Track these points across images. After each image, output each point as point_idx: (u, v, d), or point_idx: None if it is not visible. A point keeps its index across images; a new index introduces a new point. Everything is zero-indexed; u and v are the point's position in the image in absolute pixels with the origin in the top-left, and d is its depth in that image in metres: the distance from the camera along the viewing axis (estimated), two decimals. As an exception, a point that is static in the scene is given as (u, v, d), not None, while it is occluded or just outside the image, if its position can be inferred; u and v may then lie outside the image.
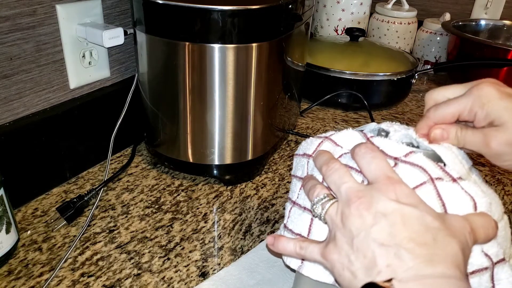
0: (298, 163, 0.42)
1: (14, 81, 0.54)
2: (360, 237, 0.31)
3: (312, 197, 0.35)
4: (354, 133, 0.39)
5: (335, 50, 1.00)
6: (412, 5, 1.21)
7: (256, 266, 0.50)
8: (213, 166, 0.64)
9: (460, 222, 0.31)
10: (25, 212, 0.57)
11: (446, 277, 0.28)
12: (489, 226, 0.32)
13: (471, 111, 0.36)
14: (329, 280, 0.36)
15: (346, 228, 0.32)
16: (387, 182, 0.32)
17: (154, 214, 0.58)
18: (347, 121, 0.89)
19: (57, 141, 0.60)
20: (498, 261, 0.33)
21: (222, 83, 0.57)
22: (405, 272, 0.28)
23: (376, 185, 0.32)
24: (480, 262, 0.32)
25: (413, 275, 0.28)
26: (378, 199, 0.31)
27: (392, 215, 0.30)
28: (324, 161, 0.36)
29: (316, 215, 0.35)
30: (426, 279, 0.28)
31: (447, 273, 0.28)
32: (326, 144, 0.39)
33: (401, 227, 0.30)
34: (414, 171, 0.33)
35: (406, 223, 0.30)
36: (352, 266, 0.31)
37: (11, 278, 0.47)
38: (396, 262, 0.29)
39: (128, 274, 0.49)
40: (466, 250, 0.30)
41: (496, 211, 0.34)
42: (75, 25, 0.59)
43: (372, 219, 0.31)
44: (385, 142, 0.36)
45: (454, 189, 0.33)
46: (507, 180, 0.70)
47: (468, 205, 0.32)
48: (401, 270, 0.28)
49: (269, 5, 0.55)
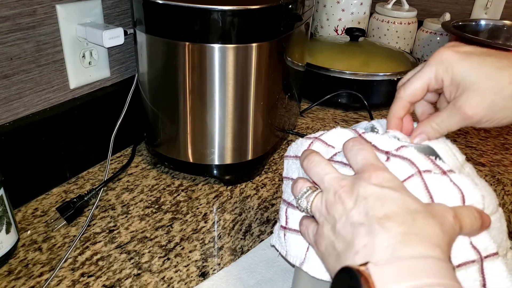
0: (291, 165, 0.41)
1: (14, 81, 0.54)
2: (341, 221, 0.31)
3: (296, 193, 0.35)
4: (344, 131, 0.39)
5: (335, 50, 1.00)
6: (412, 5, 1.21)
7: (256, 266, 0.50)
8: (213, 166, 0.64)
9: (443, 206, 0.31)
10: (25, 212, 0.57)
11: (424, 257, 0.27)
12: (472, 217, 0.31)
13: (437, 78, 0.36)
14: (326, 277, 0.36)
15: (330, 215, 0.32)
16: (370, 169, 0.32)
17: (154, 214, 0.58)
18: (347, 121, 0.89)
19: (57, 141, 0.60)
20: (488, 255, 0.32)
21: (222, 83, 0.57)
22: (381, 252, 0.28)
23: (360, 174, 0.32)
24: (466, 255, 0.32)
25: (390, 256, 0.27)
26: (359, 185, 0.31)
27: (371, 197, 0.30)
28: (305, 156, 0.36)
29: (302, 209, 0.35)
30: (403, 261, 0.27)
31: (425, 253, 0.27)
32: (317, 144, 0.39)
33: (379, 207, 0.29)
34: (403, 164, 0.33)
35: (385, 204, 0.30)
36: (334, 251, 0.31)
37: (11, 278, 0.47)
38: (373, 241, 0.28)
39: (128, 274, 0.49)
40: (449, 232, 0.29)
41: (491, 204, 0.34)
42: (75, 25, 0.59)
43: (352, 204, 0.31)
44: (377, 137, 0.36)
45: (442, 182, 0.32)
46: (507, 180, 0.70)
47: (455, 197, 0.32)
48: (377, 250, 0.28)
49: (269, 5, 0.55)
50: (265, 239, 0.55)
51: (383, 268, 0.26)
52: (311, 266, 0.37)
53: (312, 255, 0.37)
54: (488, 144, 0.83)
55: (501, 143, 0.83)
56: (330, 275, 0.33)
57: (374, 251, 0.28)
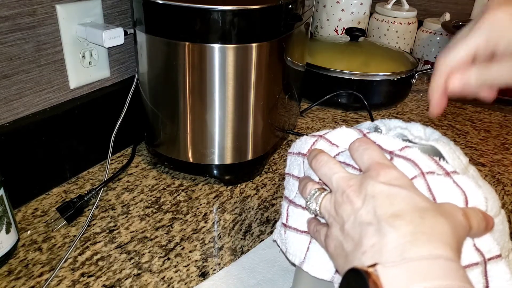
0: (293, 162, 0.41)
1: (14, 81, 0.54)
2: (349, 221, 0.30)
3: (305, 195, 0.35)
4: (349, 130, 0.39)
5: (335, 50, 1.00)
6: (412, 5, 1.21)
7: (256, 266, 0.50)
8: (213, 166, 0.64)
9: (452, 205, 0.31)
10: (25, 212, 0.57)
11: (432, 258, 0.26)
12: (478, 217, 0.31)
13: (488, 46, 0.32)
14: (327, 277, 0.36)
15: (339, 215, 0.31)
16: (377, 167, 0.31)
17: (154, 214, 0.58)
18: (347, 121, 0.89)
19: (57, 141, 0.60)
20: (491, 258, 0.32)
21: (222, 83, 0.57)
22: (390, 252, 0.27)
23: (367, 173, 0.32)
24: (470, 258, 0.31)
25: (398, 257, 0.27)
26: (367, 184, 0.31)
27: (379, 195, 0.30)
28: (313, 156, 0.36)
29: (312, 211, 0.35)
30: (411, 262, 0.26)
31: (434, 253, 0.26)
32: (321, 143, 0.39)
33: (387, 205, 0.29)
34: (406, 165, 0.33)
35: (393, 202, 0.29)
36: (343, 251, 0.30)
37: (11, 278, 0.47)
38: (381, 241, 0.28)
39: (128, 274, 0.49)
40: (459, 230, 0.29)
41: (494, 206, 0.34)
42: (75, 25, 0.59)
43: (361, 203, 0.30)
44: (381, 137, 0.36)
45: (445, 183, 0.32)
46: (507, 180, 0.70)
47: (459, 199, 0.32)
48: (386, 250, 0.27)
49: (269, 5, 0.55)
50: (265, 239, 0.55)
51: (392, 270, 0.26)
52: (311, 266, 0.37)
53: (313, 255, 0.37)
54: (488, 144, 0.83)
55: (501, 143, 0.83)
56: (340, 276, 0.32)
57: (383, 251, 0.27)
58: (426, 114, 0.95)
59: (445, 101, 0.36)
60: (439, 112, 0.37)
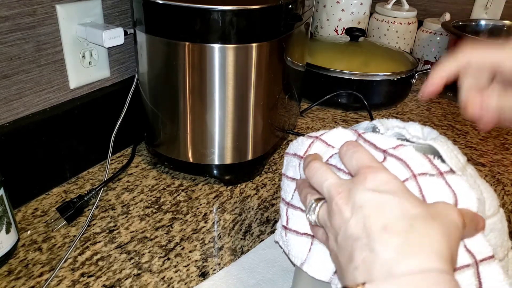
0: (289, 163, 0.41)
1: (14, 81, 0.54)
2: (341, 233, 0.30)
3: (305, 207, 0.35)
4: (345, 131, 0.38)
5: (335, 50, 1.00)
6: (412, 5, 1.21)
7: (256, 266, 0.50)
8: (213, 166, 0.64)
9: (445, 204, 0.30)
10: (25, 212, 0.57)
11: (422, 272, 0.25)
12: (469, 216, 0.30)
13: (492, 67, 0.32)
14: (325, 277, 0.36)
15: (332, 225, 0.31)
16: (366, 171, 0.31)
17: (154, 214, 0.58)
18: (347, 121, 0.89)
19: (57, 141, 0.60)
20: (484, 259, 0.31)
21: (222, 83, 0.57)
22: (378, 269, 0.26)
23: (356, 177, 0.31)
24: (461, 259, 0.31)
25: (387, 274, 0.26)
26: (355, 191, 0.30)
27: (367, 205, 0.29)
28: (306, 164, 0.35)
29: (312, 223, 0.35)
30: (400, 278, 0.25)
31: (424, 267, 0.26)
32: (317, 144, 0.39)
33: (375, 216, 0.28)
34: (398, 167, 0.33)
35: (381, 212, 0.28)
36: (339, 264, 0.30)
37: (11, 278, 0.47)
38: (370, 256, 0.27)
39: (128, 274, 0.49)
40: (453, 232, 0.28)
41: (492, 205, 0.33)
42: (75, 25, 0.59)
43: (349, 213, 0.30)
44: (375, 136, 0.36)
45: (436, 184, 0.32)
46: (507, 180, 0.70)
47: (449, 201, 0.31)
48: (375, 266, 0.27)
49: (269, 5, 0.55)
50: (265, 239, 0.55)
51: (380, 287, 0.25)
52: (311, 266, 0.37)
53: (313, 255, 0.37)
54: (488, 144, 0.83)
55: (501, 143, 0.83)
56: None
57: (372, 267, 0.27)
58: (426, 114, 0.95)
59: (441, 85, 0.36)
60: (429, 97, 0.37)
